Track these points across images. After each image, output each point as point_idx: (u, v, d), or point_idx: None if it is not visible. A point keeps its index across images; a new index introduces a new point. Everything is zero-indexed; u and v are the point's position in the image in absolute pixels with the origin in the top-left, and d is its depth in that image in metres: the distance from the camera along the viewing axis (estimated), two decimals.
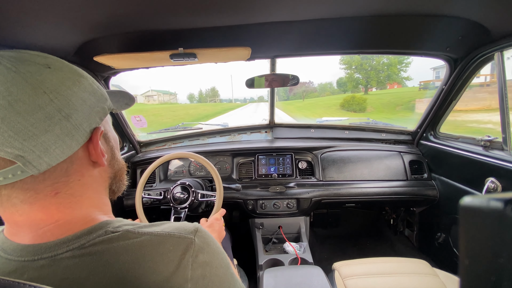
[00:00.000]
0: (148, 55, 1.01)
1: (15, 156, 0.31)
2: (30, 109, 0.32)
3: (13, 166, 0.32)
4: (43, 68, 0.35)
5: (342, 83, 34.57)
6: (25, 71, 0.33)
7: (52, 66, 0.36)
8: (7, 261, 0.35)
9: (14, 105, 0.31)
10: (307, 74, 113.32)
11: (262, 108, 21.31)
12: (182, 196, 1.22)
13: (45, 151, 0.33)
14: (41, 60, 0.36)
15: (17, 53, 0.35)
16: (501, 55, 1.06)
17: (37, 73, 0.34)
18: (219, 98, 69.42)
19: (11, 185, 0.33)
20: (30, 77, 0.33)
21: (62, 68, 0.37)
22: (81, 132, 0.37)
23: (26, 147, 0.32)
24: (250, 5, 0.80)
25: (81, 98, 0.37)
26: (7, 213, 0.36)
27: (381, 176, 1.55)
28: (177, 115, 21.53)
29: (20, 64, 0.33)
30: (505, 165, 1.05)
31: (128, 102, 0.54)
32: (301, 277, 1.05)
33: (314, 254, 1.41)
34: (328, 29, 1.04)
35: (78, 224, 0.37)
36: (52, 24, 0.78)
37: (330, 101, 27.94)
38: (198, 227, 0.42)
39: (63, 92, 0.35)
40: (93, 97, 0.40)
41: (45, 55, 0.37)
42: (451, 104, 1.40)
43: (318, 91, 43.26)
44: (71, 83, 0.37)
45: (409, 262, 1.14)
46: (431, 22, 0.99)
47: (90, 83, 0.41)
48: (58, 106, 0.34)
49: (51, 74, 0.35)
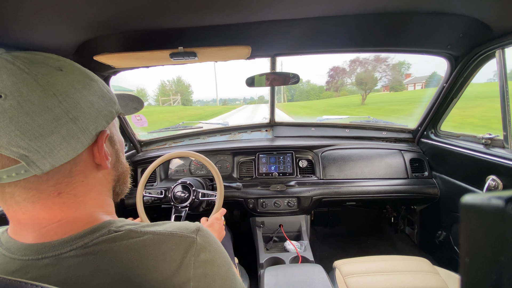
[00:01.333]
0: (148, 54, 1.01)
1: (20, 156, 0.32)
2: (39, 110, 0.32)
3: (17, 165, 0.33)
4: (55, 70, 0.36)
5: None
6: (37, 72, 0.34)
7: (64, 69, 0.37)
8: (11, 260, 0.35)
9: (23, 105, 0.31)
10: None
11: (261, 110, 18.11)
12: (182, 195, 1.22)
13: (50, 152, 0.33)
14: (54, 63, 0.36)
15: (31, 55, 0.36)
16: (502, 53, 1.06)
17: (48, 75, 0.34)
18: (179, 98, 44.25)
19: (15, 183, 0.34)
20: (41, 79, 0.33)
21: (73, 71, 0.38)
22: (86, 134, 0.37)
23: (32, 147, 0.32)
24: (250, 3, 0.80)
25: (89, 101, 0.38)
26: (11, 211, 0.36)
27: (382, 175, 1.55)
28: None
29: (33, 66, 0.34)
30: (506, 163, 1.05)
31: (137, 107, 0.55)
32: (302, 275, 1.05)
33: (315, 253, 1.41)
34: (329, 27, 1.03)
35: (81, 224, 0.38)
36: (52, 23, 0.78)
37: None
38: (199, 226, 0.42)
39: (72, 94, 0.36)
40: (102, 100, 0.40)
41: (58, 58, 0.38)
42: (452, 102, 1.40)
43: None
44: (81, 86, 0.37)
45: (410, 260, 1.15)
46: (432, 20, 0.98)
47: (100, 86, 0.41)
48: (66, 108, 0.34)
49: (62, 76, 0.36)
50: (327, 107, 25.11)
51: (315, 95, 51.93)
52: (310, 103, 35.95)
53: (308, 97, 52.36)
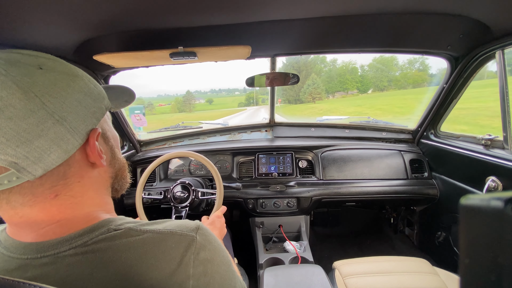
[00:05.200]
0: (148, 53, 1.01)
1: (9, 163, 0.31)
2: (22, 114, 0.31)
3: (8, 173, 0.32)
4: (34, 69, 0.33)
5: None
6: (15, 73, 0.32)
7: (44, 67, 0.35)
8: (9, 259, 0.35)
9: (4, 111, 0.30)
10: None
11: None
12: (182, 195, 1.22)
13: (40, 157, 0.32)
14: (32, 61, 0.34)
15: (8, 54, 0.34)
16: (502, 53, 1.06)
17: (27, 75, 0.32)
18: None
19: (9, 190, 0.33)
20: (20, 80, 0.31)
21: (55, 68, 0.36)
22: (76, 135, 0.36)
23: (20, 154, 0.31)
24: (250, 3, 0.80)
25: (76, 99, 0.36)
26: (7, 216, 0.36)
27: (382, 175, 1.55)
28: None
29: (10, 66, 0.32)
30: (506, 164, 1.05)
31: (128, 99, 0.53)
32: (301, 276, 1.05)
33: (314, 253, 1.41)
34: (329, 28, 1.03)
35: (80, 223, 0.37)
36: (51, 23, 0.78)
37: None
38: (199, 224, 0.42)
39: (56, 94, 0.34)
40: (89, 97, 0.39)
41: (37, 54, 0.36)
42: (452, 103, 1.40)
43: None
44: (64, 84, 0.35)
45: (409, 261, 1.14)
46: (432, 20, 0.98)
47: (86, 82, 0.39)
48: (51, 109, 0.33)
49: (43, 75, 0.34)
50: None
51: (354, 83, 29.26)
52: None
53: (343, 85, 29.96)
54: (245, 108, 30.38)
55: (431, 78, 17.73)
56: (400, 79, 25.31)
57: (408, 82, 22.00)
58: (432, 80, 7.58)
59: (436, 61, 1.32)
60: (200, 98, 52.79)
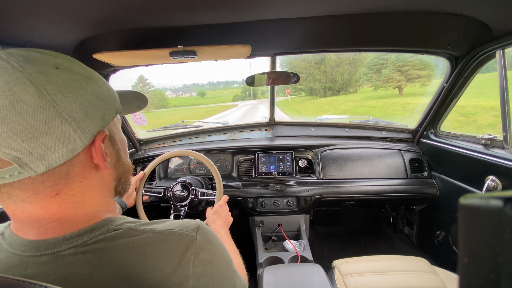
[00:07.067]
0: (148, 52, 1.00)
1: (12, 158, 0.31)
2: (32, 110, 0.31)
3: (10, 167, 0.32)
4: (50, 68, 0.34)
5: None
6: (31, 70, 0.32)
7: (61, 67, 0.35)
8: (12, 255, 0.35)
9: (15, 105, 0.30)
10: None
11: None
12: (182, 194, 1.22)
13: (44, 154, 0.32)
14: (50, 60, 0.35)
15: (27, 52, 0.34)
16: (502, 53, 1.06)
17: (43, 73, 0.33)
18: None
19: (10, 184, 0.33)
20: (35, 78, 0.32)
21: (71, 69, 0.36)
22: (83, 135, 0.36)
23: (24, 149, 0.31)
24: (250, 2, 0.80)
25: (87, 100, 0.36)
26: (10, 210, 0.36)
27: (381, 174, 1.55)
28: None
29: (27, 64, 0.33)
30: (506, 164, 1.05)
31: (140, 105, 0.53)
32: (301, 274, 1.05)
33: (314, 252, 1.41)
34: (329, 27, 1.03)
35: (80, 222, 0.38)
36: (51, 22, 0.78)
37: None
38: (200, 224, 0.42)
39: (68, 94, 0.34)
40: (101, 100, 0.39)
41: (56, 55, 0.37)
42: (452, 102, 1.40)
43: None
44: (77, 85, 0.36)
45: (408, 260, 1.15)
46: (433, 20, 0.98)
47: (100, 85, 0.40)
48: (61, 108, 0.33)
49: (58, 75, 0.34)
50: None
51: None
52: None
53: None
54: (236, 104, 27.47)
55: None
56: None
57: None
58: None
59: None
60: (192, 91, 48.00)
